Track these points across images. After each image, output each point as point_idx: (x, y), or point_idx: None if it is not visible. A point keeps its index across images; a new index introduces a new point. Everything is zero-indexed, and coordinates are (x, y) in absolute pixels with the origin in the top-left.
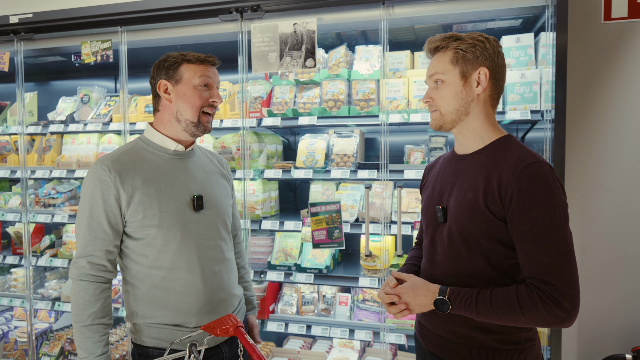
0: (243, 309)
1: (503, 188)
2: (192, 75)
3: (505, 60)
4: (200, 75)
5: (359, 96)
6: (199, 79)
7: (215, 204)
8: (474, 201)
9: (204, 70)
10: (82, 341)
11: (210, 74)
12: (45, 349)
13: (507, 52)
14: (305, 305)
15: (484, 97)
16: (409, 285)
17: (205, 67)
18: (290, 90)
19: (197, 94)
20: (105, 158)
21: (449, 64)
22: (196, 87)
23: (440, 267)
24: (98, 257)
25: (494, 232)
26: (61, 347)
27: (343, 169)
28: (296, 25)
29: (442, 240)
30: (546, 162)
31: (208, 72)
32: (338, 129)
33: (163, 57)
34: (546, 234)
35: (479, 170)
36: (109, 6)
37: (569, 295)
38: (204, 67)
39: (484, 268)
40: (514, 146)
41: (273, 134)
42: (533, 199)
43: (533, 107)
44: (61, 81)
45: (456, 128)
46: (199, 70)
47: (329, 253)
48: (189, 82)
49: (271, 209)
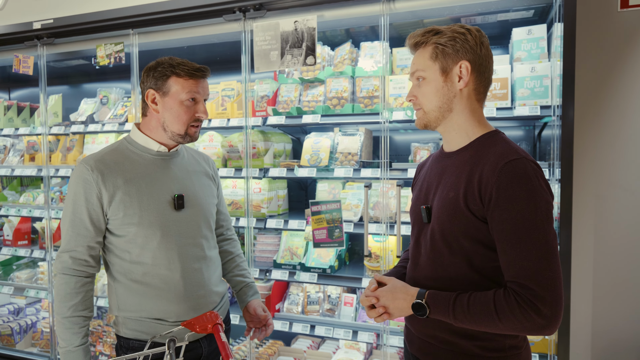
0: (225, 305)
1: (483, 186)
2: (179, 90)
3: (516, 54)
4: (188, 91)
5: (363, 93)
6: (186, 94)
7: (196, 203)
8: (454, 200)
9: (192, 85)
10: (62, 331)
11: (199, 89)
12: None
13: (518, 45)
14: (310, 304)
15: (468, 91)
16: (388, 288)
17: (194, 82)
18: (296, 88)
19: (184, 109)
20: (90, 158)
21: (428, 60)
22: (183, 102)
23: (422, 269)
24: (80, 252)
25: (475, 234)
26: None
27: (346, 168)
28: (297, 22)
29: (425, 241)
30: (531, 159)
31: (197, 87)
32: (343, 127)
33: (153, 64)
34: (526, 235)
35: (462, 168)
36: (121, 10)
37: (549, 301)
38: (193, 82)
39: (466, 271)
40: (498, 142)
41: (281, 133)
42: (512, 198)
43: (544, 102)
44: (86, 84)
45: (441, 126)
46: (187, 85)
47: (334, 253)
48: (177, 97)
49: (278, 207)
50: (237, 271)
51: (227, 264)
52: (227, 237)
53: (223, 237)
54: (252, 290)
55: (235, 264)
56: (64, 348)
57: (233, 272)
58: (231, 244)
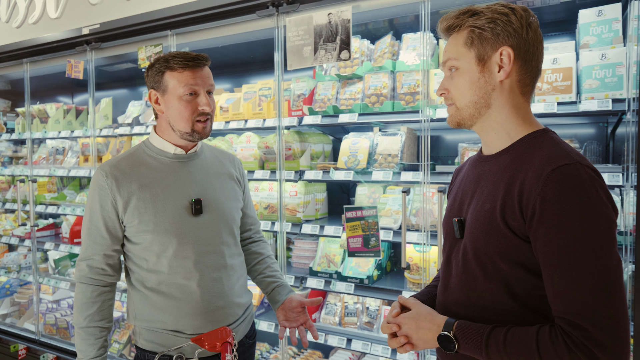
0: (249, 317)
1: (525, 198)
2: (175, 84)
3: (583, 39)
4: (184, 84)
5: (404, 90)
6: (183, 88)
7: (217, 208)
8: (490, 214)
9: (188, 77)
10: (78, 342)
11: (197, 80)
12: (116, 335)
13: (586, 28)
14: (347, 316)
15: (510, 83)
16: (412, 315)
17: (190, 73)
18: (333, 86)
19: (184, 104)
20: (106, 164)
21: (462, 47)
22: (182, 97)
23: (453, 293)
24: (97, 260)
25: (515, 255)
26: (129, 335)
27: (386, 171)
28: (331, 15)
29: (457, 260)
30: (587, 164)
31: (194, 79)
32: (383, 127)
33: (152, 62)
34: (579, 259)
35: (501, 175)
36: (159, 11)
37: (609, 347)
38: (189, 73)
39: (503, 299)
40: (545, 143)
41: (320, 133)
42: (561, 212)
43: (617, 94)
44: (136, 87)
45: (477, 124)
46: (183, 78)
47: (374, 262)
48: (174, 93)
49: (316, 212)
50: (269, 272)
51: (257, 265)
52: (256, 240)
53: (251, 240)
54: (287, 289)
55: (265, 264)
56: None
57: (264, 273)
58: (260, 245)
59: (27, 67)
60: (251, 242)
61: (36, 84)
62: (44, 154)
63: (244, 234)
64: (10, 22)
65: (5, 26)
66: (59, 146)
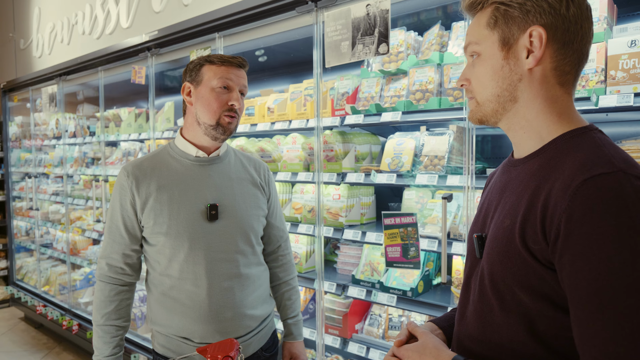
0: (267, 329)
1: (549, 215)
2: (211, 76)
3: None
4: (220, 77)
5: (452, 84)
6: (218, 80)
7: (234, 214)
8: (509, 233)
9: (224, 71)
10: (95, 339)
11: (232, 76)
12: None
13: None
14: (391, 329)
15: (542, 72)
16: (417, 347)
17: (226, 69)
18: (377, 83)
19: (214, 95)
20: (130, 163)
21: (485, 28)
22: (214, 88)
23: (468, 325)
24: (115, 259)
25: (538, 285)
26: None
27: (430, 174)
28: (369, 6)
29: (475, 285)
30: (635, 174)
31: (229, 74)
32: (430, 125)
33: (191, 60)
34: (614, 299)
35: (527, 184)
36: (206, 14)
37: None
38: (226, 68)
39: (523, 338)
40: (584, 145)
41: (367, 133)
42: (592, 236)
43: None
44: None
45: (503, 121)
46: (219, 71)
47: (420, 273)
48: (208, 84)
49: (361, 216)
50: (284, 301)
51: (275, 288)
52: (279, 258)
53: (275, 257)
54: (289, 330)
55: (279, 291)
56: (96, 357)
57: (279, 303)
58: (283, 267)
59: (101, 74)
60: (274, 261)
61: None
62: (119, 156)
63: (269, 247)
64: (92, 33)
65: (88, 38)
66: (130, 148)
